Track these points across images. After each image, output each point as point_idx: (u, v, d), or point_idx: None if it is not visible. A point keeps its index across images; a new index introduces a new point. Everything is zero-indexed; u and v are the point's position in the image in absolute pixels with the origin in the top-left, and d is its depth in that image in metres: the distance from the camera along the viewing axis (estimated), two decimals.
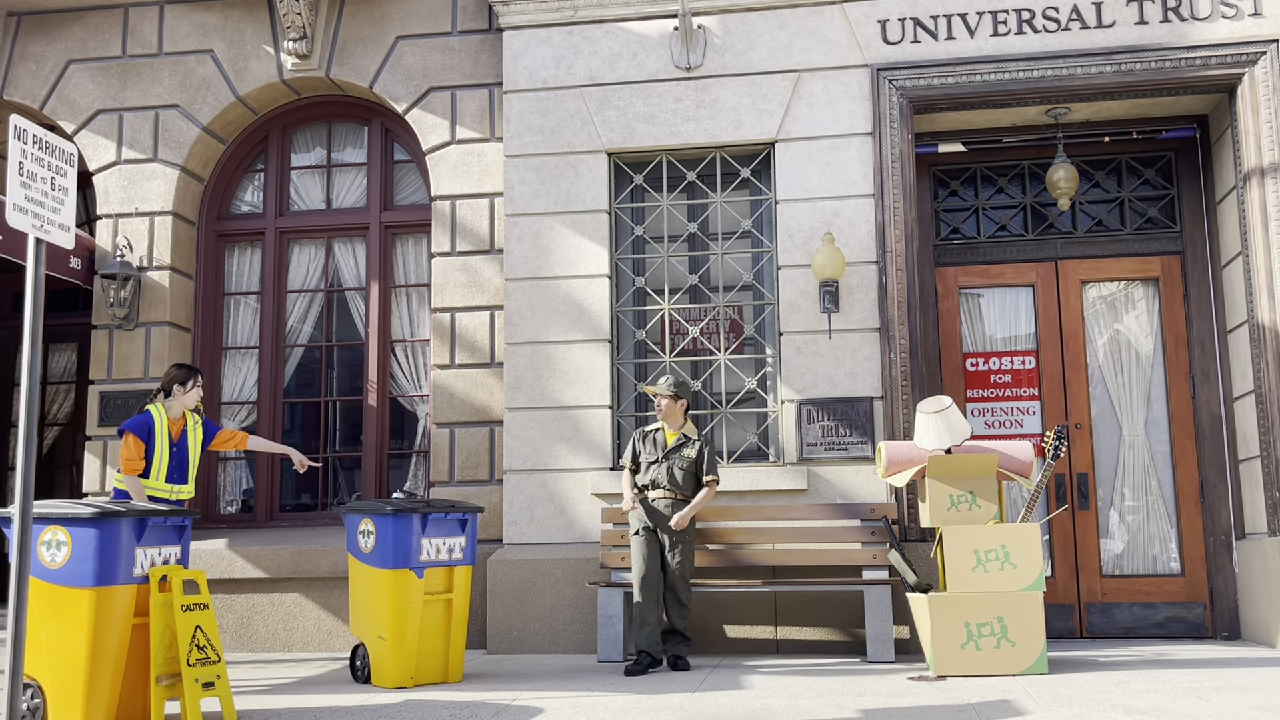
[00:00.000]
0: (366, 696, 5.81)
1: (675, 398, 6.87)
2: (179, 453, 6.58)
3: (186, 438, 6.65)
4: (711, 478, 6.82)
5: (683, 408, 6.91)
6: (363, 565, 6.30)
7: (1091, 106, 7.92)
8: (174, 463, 6.54)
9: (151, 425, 6.49)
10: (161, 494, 6.50)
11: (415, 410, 8.83)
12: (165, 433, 6.51)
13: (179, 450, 6.59)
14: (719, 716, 4.93)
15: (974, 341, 8.33)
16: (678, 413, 6.89)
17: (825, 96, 7.88)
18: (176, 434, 6.60)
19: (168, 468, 6.50)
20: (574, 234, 8.03)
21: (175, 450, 6.56)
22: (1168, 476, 8.00)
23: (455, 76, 8.67)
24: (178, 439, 6.61)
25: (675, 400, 6.87)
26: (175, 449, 6.57)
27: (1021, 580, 6.18)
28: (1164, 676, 5.84)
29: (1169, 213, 8.25)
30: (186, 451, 6.63)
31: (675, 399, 6.87)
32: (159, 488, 6.49)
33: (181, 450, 6.60)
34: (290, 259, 9.14)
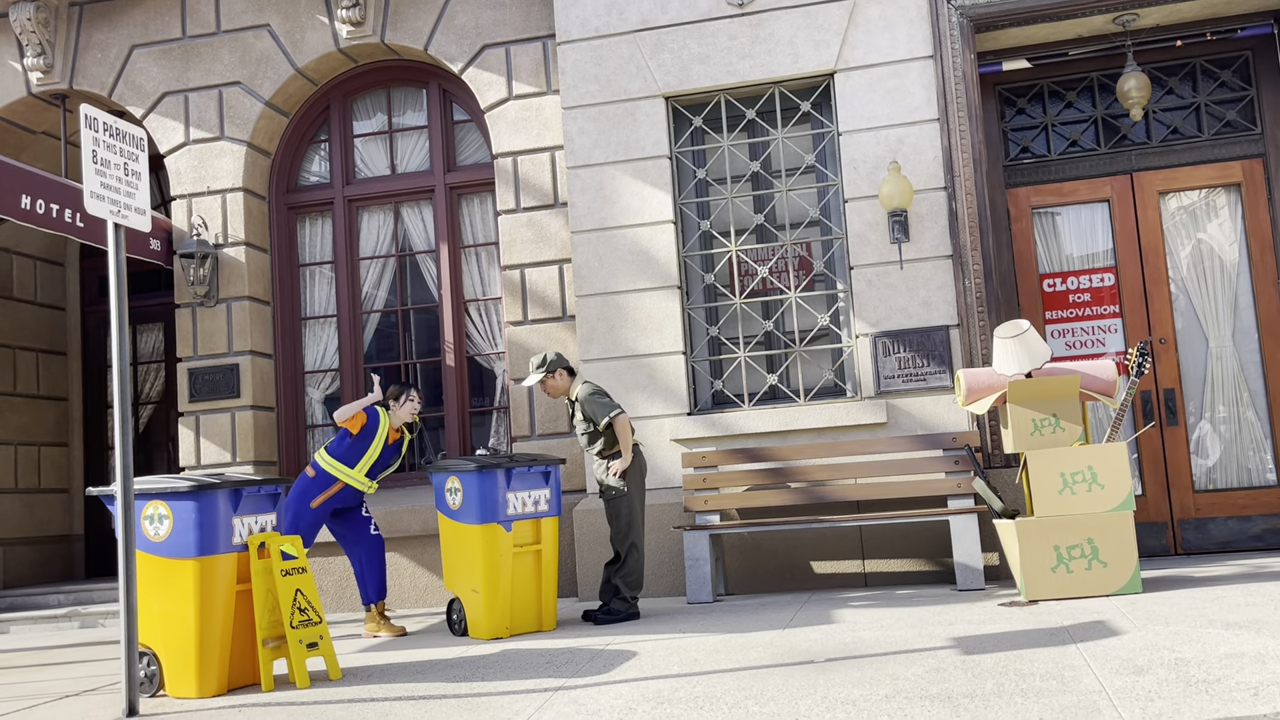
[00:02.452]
0: (465, 649, 5.97)
1: (548, 374, 6.76)
2: (385, 456, 7.00)
3: (399, 446, 7.09)
4: (603, 421, 6.62)
5: (563, 377, 6.80)
6: (452, 522, 6.44)
7: (1161, 10, 7.64)
8: (380, 463, 6.98)
9: (379, 423, 6.94)
10: (357, 485, 6.88)
11: (492, 368, 8.94)
12: (384, 436, 6.93)
13: (385, 454, 7.00)
14: (810, 651, 4.98)
15: (1050, 262, 8.17)
16: (560, 384, 6.80)
17: (882, 22, 7.72)
18: (390, 441, 7.02)
19: (374, 464, 6.93)
20: (636, 181, 8.01)
21: (385, 452, 6.99)
22: (1259, 386, 7.80)
23: (508, 32, 8.66)
24: (389, 445, 7.02)
25: (550, 375, 6.77)
26: (387, 451, 7.00)
27: (1110, 500, 6.10)
28: (1264, 589, 5.74)
29: (1248, 115, 7.97)
30: (389, 458, 7.05)
31: (549, 375, 6.76)
32: (358, 479, 6.87)
33: (387, 456, 7.02)
34: (360, 226, 9.27)
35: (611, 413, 6.61)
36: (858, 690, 4.12)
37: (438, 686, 4.89)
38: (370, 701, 4.69)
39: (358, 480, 6.87)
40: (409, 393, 7.01)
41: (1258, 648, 4.28)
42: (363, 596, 6.99)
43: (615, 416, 6.60)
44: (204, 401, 8.87)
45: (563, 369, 6.83)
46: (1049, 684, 3.99)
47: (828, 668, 4.58)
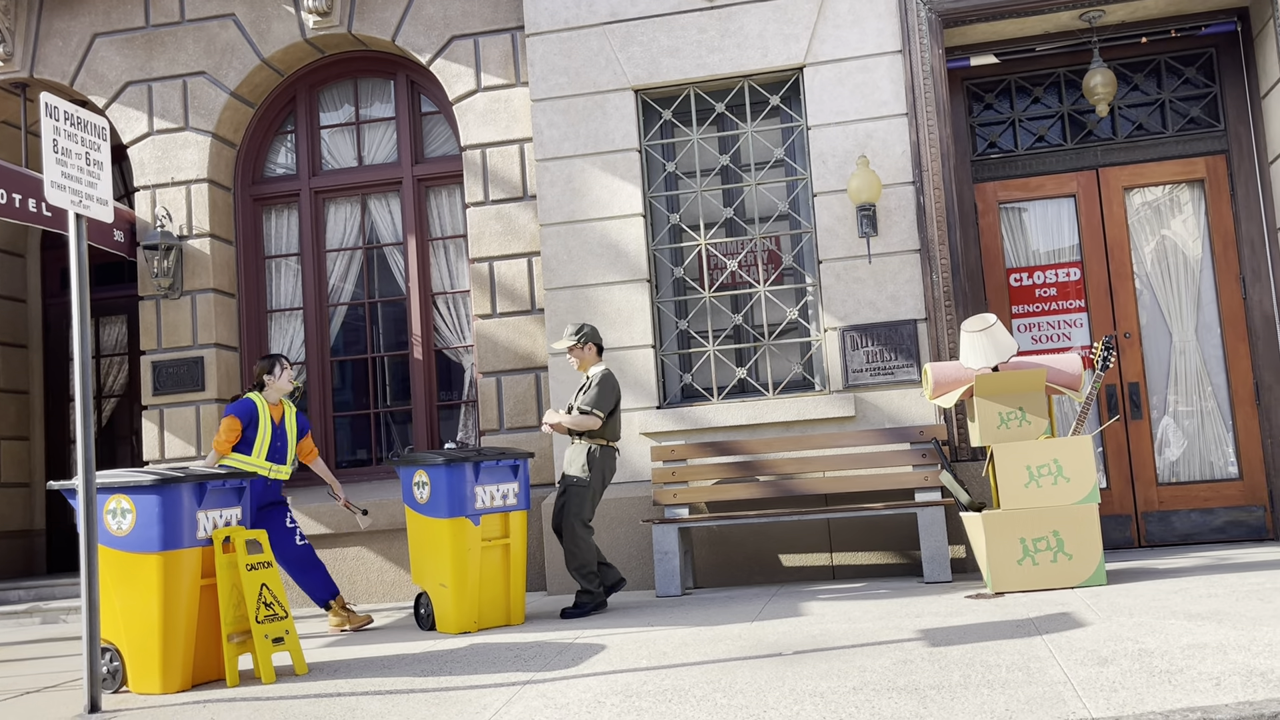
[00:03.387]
0: (433, 643, 5.94)
1: (580, 344, 6.85)
2: (281, 436, 6.86)
3: (285, 423, 6.92)
4: (583, 406, 6.72)
5: (592, 351, 6.89)
6: (420, 516, 6.41)
7: (1126, 7, 7.71)
8: (275, 445, 6.81)
9: (254, 409, 6.76)
10: (261, 471, 6.75)
11: (461, 361, 8.90)
12: (267, 418, 6.79)
13: (280, 434, 6.86)
14: (778, 644, 4.99)
15: (1017, 256, 8.23)
16: (589, 357, 6.89)
17: (851, 16, 7.74)
18: (276, 419, 6.87)
19: (270, 448, 6.77)
20: (606, 174, 7.99)
21: (277, 433, 6.84)
22: (1221, 380, 7.90)
23: (477, 23, 8.61)
24: (278, 423, 6.88)
25: (581, 346, 6.86)
26: (277, 431, 6.84)
27: (1075, 493, 6.16)
28: (1225, 580, 5.81)
29: (1212, 111, 8.05)
30: (285, 435, 6.89)
31: (581, 345, 6.86)
32: (259, 464, 6.75)
33: (281, 435, 6.87)
34: (327, 218, 9.19)
35: (595, 408, 6.66)
36: (826, 682, 4.13)
37: (405, 681, 4.87)
38: (336, 696, 4.65)
39: (257, 465, 6.70)
40: (279, 362, 6.87)
41: (1219, 639, 4.33)
42: (316, 601, 6.91)
43: (592, 413, 6.65)
44: (168, 395, 8.77)
45: (594, 345, 6.93)
46: (1015, 675, 4.01)
47: (796, 660, 4.59)
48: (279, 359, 6.90)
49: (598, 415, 6.67)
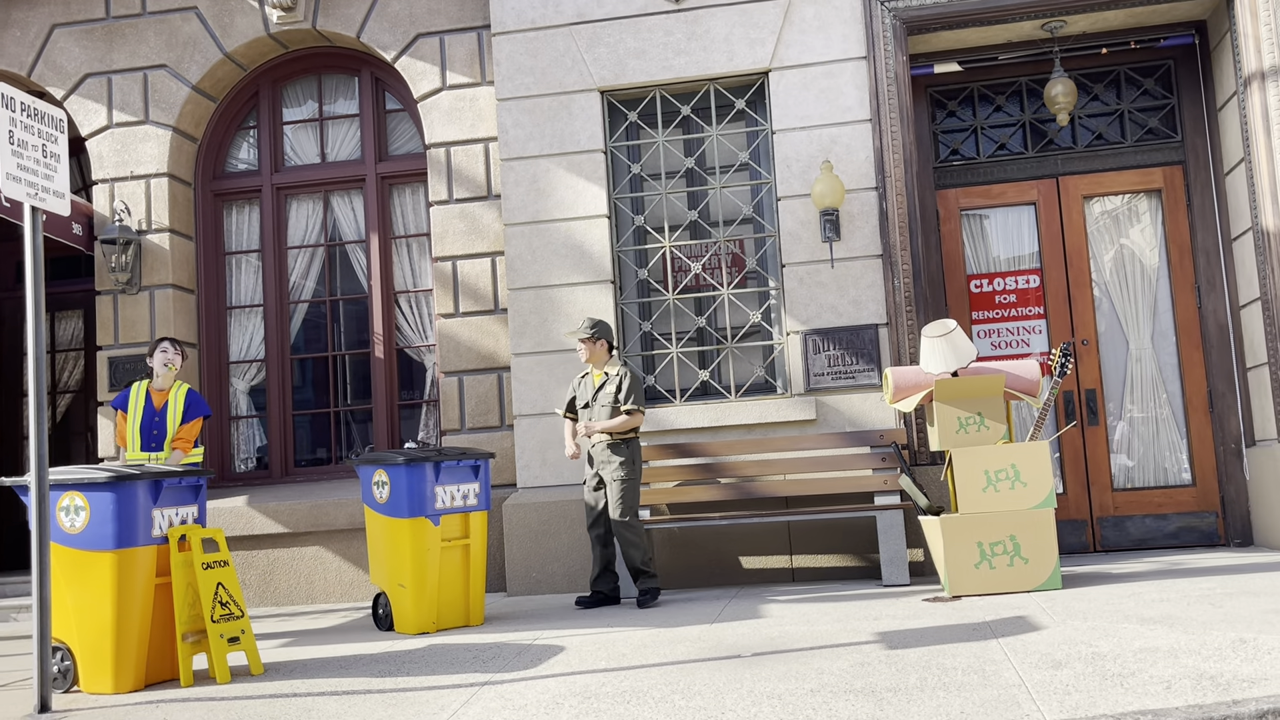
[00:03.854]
0: (391, 643, 5.90)
1: (593, 339, 6.88)
2: (159, 422, 6.86)
3: (168, 407, 6.93)
4: (630, 407, 6.78)
5: (603, 348, 6.92)
6: (379, 515, 6.37)
7: (1088, 18, 7.80)
8: (150, 431, 6.82)
9: (127, 397, 6.86)
10: (140, 461, 6.75)
11: (423, 360, 8.86)
12: (139, 404, 6.83)
13: (159, 420, 6.86)
14: (737, 645, 5.00)
15: (978, 263, 8.30)
16: (599, 353, 6.91)
17: (817, 22, 7.78)
18: (159, 405, 6.90)
19: (142, 437, 6.82)
20: (571, 175, 7.98)
21: (155, 419, 6.85)
22: (1176, 388, 8.01)
23: (442, 21, 8.58)
24: (159, 409, 6.87)
25: (594, 341, 6.88)
26: (156, 418, 6.86)
27: (1032, 498, 6.22)
28: (1177, 585, 5.90)
29: (1170, 123, 8.17)
30: (165, 422, 6.87)
31: (593, 340, 6.88)
32: (136, 457, 6.80)
33: (161, 420, 6.86)
34: (289, 215, 9.11)
35: (639, 405, 6.82)
36: (783, 684, 4.14)
37: (362, 681, 4.83)
38: (293, 697, 4.61)
39: (137, 457, 6.83)
40: (159, 345, 6.94)
41: (1170, 642, 4.39)
42: None
43: (638, 410, 6.82)
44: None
45: (606, 341, 6.94)
46: (970, 678, 4.05)
47: (754, 662, 4.60)
48: (159, 341, 6.93)
49: (642, 411, 6.85)
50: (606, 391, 6.85)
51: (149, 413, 6.85)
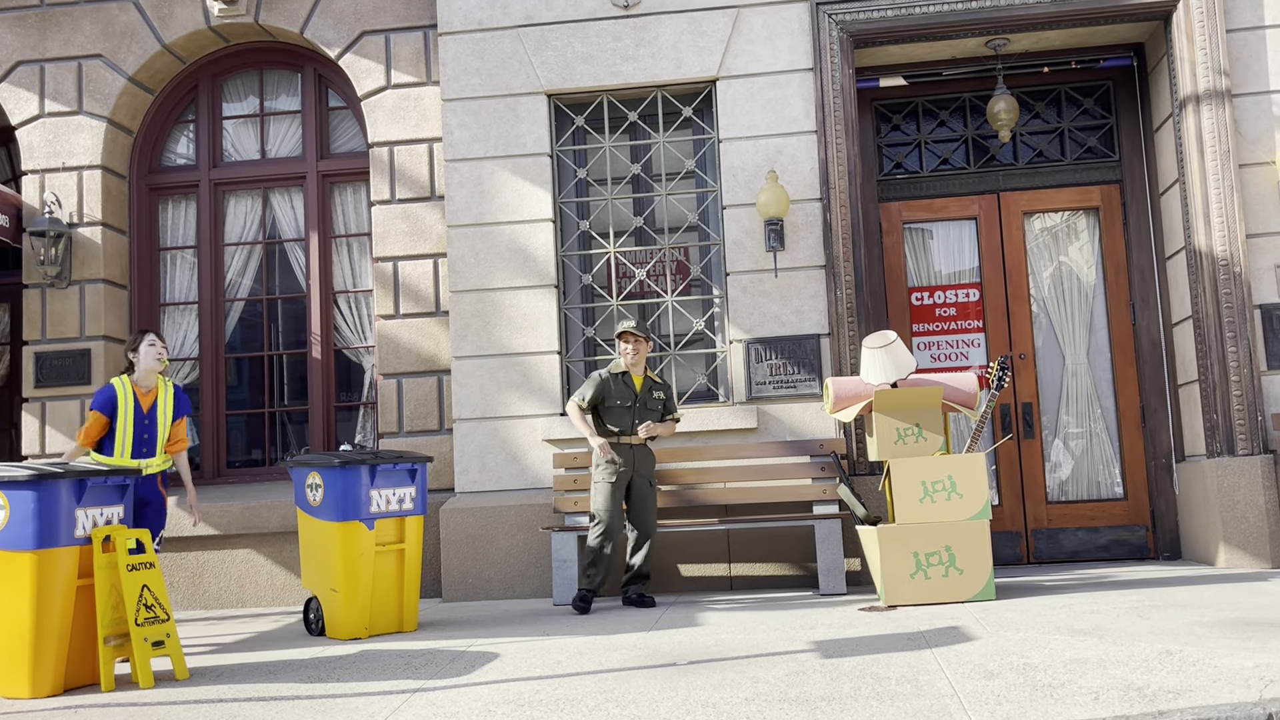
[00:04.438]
0: (321, 649, 5.79)
1: (647, 338, 6.88)
2: (149, 425, 6.15)
3: (156, 409, 6.18)
4: (679, 414, 7.06)
5: (648, 349, 6.96)
6: (312, 519, 6.25)
7: (1030, 37, 7.91)
8: (141, 435, 6.11)
9: (114, 398, 6.10)
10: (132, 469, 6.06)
11: (361, 362, 8.73)
12: (130, 406, 6.08)
13: (149, 423, 6.15)
14: (673, 653, 4.97)
15: (919, 276, 8.37)
16: (646, 354, 6.92)
17: (765, 32, 7.80)
18: (147, 405, 6.15)
19: (134, 442, 6.11)
20: (516, 178, 7.93)
21: (145, 423, 6.13)
22: (1110, 403, 8.13)
23: (388, 19, 8.49)
24: (148, 410, 6.16)
25: (647, 340, 6.88)
26: (146, 421, 6.14)
27: (968, 509, 6.27)
28: (1107, 598, 5.97)
29: (1108, 142, 8.31)
30: (156, 424, 6.17)
31: (647, 339, 6.88)
32: (125, 464, 5.95)
33: (151, 422, 6.16)
34: (226, 211, 8.95)
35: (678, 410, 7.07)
36: (718, 693, 4.12)
37: (290, 687, 4.73)
38: (218, 702, 4.50)
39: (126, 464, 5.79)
40: (145, 336, 6.20)
41: (1100, 654, 4.43)
42: None
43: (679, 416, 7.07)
44: (51, 387, 8.43)
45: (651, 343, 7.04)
46: (904, 688, 4.05)
47: (690, 670, 4.58)
48: (144, 333, 6.21)
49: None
50: (657, 399, 6.91)
51: (138, 414, 6.10)
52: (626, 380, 6.88)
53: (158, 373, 6.25)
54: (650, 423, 6.84)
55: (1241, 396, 7.20)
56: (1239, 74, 7.44)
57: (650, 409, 6.88)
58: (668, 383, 7.02)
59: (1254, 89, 7.43)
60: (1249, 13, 7.46)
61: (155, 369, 6.22)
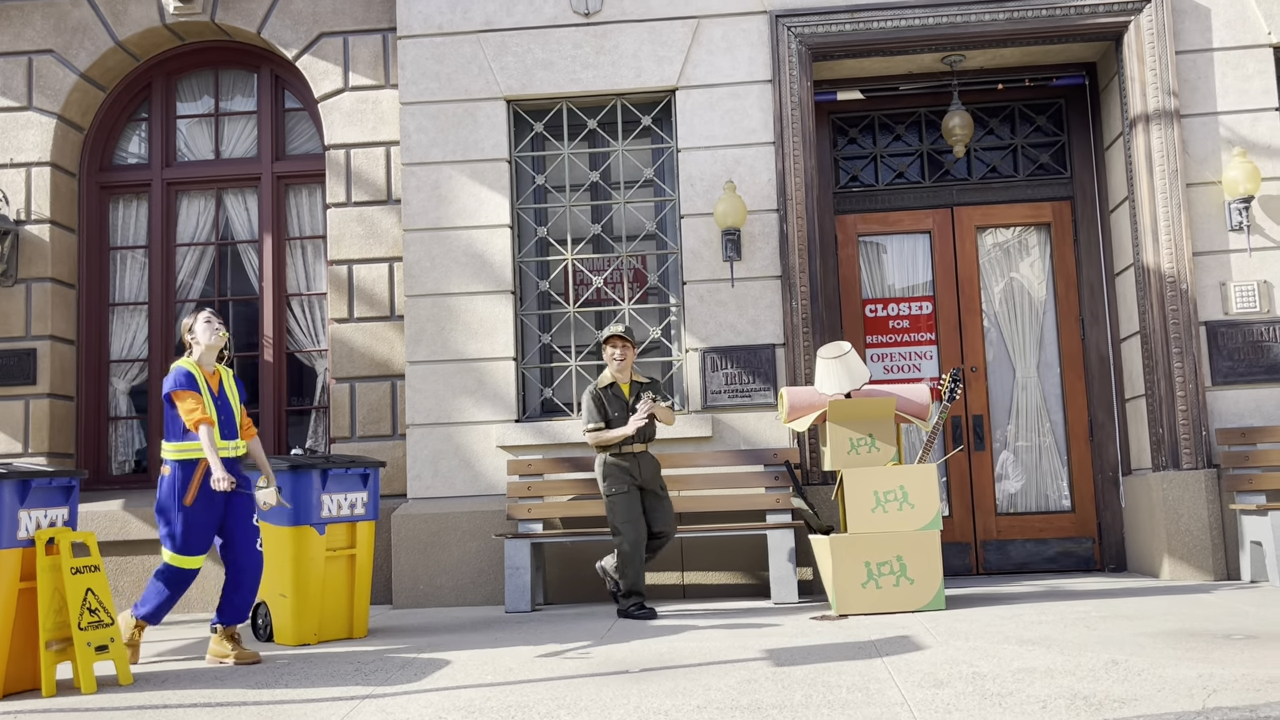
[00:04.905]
0: (269, 654, 5.72)
1: (635, 344, 6.75)
2: (223, 406, 5.62)
3: (225, 390, 5.66)
4: (670, 401, 6.92)
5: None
6: (262, 523, 6.18)
7: (985, 54, 8.02)
8: (222, 416, 5.57)
9: (193, 376, 5.56)
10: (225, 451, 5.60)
11: (314, 366, 8.65)
12: (205, 384, 5.54)
13: (222, 403, 5.62)
14: (625, 661, 4.97)
15: (873, 288, 8.45)
16: (633, 361, 6.81)
17: (725, 43, 7.85)
18: (215, 387, 5.60)
19: (221, 427, 5.57)
20: (474, 183, 7.90)
21: (218, 404, 5.60)
22: (1059, 417, 8.24)
23: (347, 21, 8.43)
24: (218, 392, 5.61)
25: (635, 347, 6.74)
26: (219, 402, 5.60)
27: (919, 520, 6.32)
28: (1055, 608, 6.05)
29: (1060, 159, 8.44)
30: (229, 404, 5.65)
31: (635, 345, 6.75)
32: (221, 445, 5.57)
33: (224, 403, 5.64)
34: (179, 211, 8.84)
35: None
36: (670, 700, 4.12)
37: (237, 693, 4.66)
38: (162, 708, 4.43)
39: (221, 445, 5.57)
40: (199, 315, 5.71)
41: (1047, 663, 4.49)
42: (218, 614, 5.67)
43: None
44: None
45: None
46: (855, 696, 4.08)
47: (642, 678, 4.57)
48: (200, 308, 5.68)
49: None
50: (647, 397, 6.63)
51: (214, 396, 5.55)
52: (616, 391, 6.71)
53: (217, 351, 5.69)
54: (646, 399, 6.55)
55: (1187, 411, 7.33)
56: (1187, 95, 7.59)
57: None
58: (652, 377, 6.86)
59: (1202, 110, 7.58)
60: (1197, 36, 7.61)
61: (216, 346, 5.64)
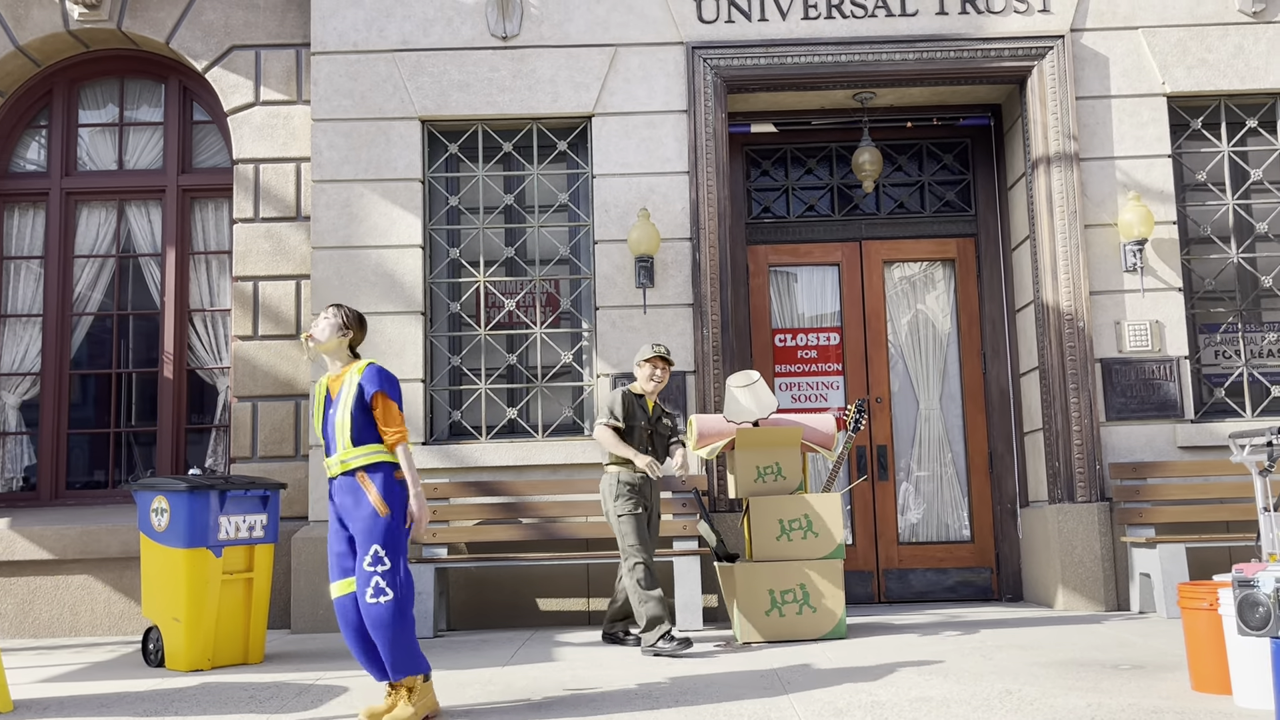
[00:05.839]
0: (159, 681, 5.54)
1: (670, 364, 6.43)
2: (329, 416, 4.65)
3: (338, 399, 4.63)
4: (682, 439, 6.64)
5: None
6: (156, 544, 6.00)
7: (895, 92, 8.21)
8: (325, 430, 4.67)
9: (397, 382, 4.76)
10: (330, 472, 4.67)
11: (215, 383, 8.45)
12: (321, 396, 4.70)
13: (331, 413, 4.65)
14: (528, 689, 4.92)
15: (783, 318, 8.55)
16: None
17: (642, 72, 7.91)
18: (334, 391, 4.67)
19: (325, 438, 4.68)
20: (386, 202, 7.82)
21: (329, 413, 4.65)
22: (960, 448, 8.42)
23: (260, 35, 8.31)
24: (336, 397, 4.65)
25: (670, 366, 6.43)
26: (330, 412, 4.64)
27: (823, 548, 6.39)
28: (953, 638, 6.15)
29: (965, 197, 8.65)
30: (330, 417, 4.62)
31: (670, 365, 6.42)
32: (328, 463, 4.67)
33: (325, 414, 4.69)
34: (78, 222, 8.58)
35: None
36: None
37: None
38: None
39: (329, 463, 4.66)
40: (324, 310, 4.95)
41: (944, 692, 4.56)
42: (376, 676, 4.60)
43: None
44: None
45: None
46: None
47: (544, 707, 4.53)
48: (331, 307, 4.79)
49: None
50: (665, 423, 6.46)
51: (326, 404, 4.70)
52: (643, 404, 6.42)
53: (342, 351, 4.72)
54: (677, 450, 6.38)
55: (1082, 445, 7.54)
56: (1086, 139, 7.85)
57: (659, 434, 6.44)
58: (671, 411, 6.62)
59: (1100, 154, 7.85)
60: (1097, 83, 7.89)
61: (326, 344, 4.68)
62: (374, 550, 4.40)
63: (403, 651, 4.38)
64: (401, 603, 4.39)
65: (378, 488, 4.49)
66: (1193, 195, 8.05)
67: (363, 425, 4.54)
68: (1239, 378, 7.87)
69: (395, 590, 4.38)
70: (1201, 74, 7.90)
